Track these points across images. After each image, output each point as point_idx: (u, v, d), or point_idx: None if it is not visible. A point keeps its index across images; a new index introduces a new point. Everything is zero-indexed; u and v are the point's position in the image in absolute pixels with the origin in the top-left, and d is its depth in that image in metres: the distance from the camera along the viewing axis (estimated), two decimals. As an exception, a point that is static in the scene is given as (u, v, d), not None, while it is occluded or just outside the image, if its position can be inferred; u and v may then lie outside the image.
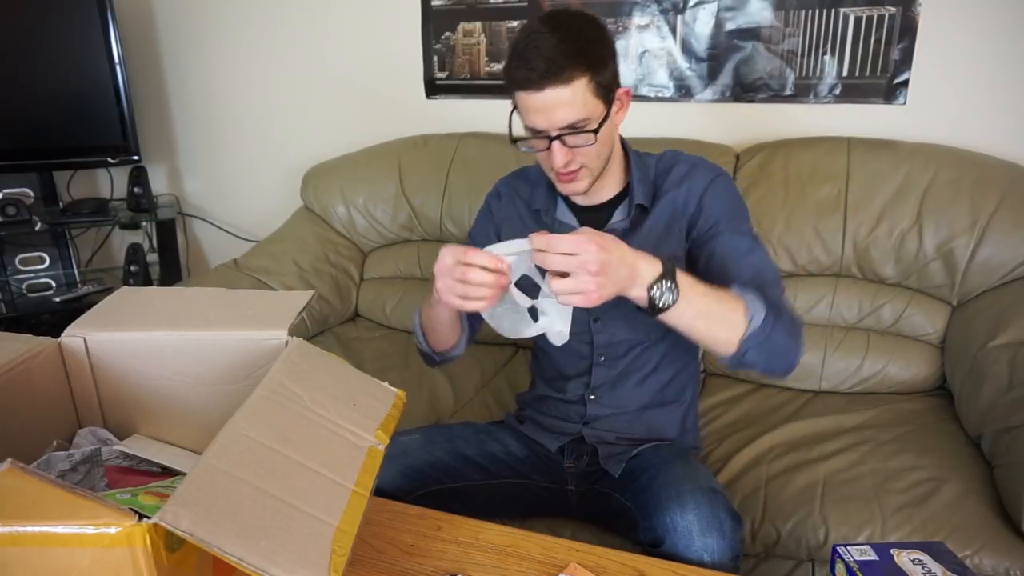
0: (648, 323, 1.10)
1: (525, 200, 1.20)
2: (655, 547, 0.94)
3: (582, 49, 0.95)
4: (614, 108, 1.03)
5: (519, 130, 1.04)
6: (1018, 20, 1.54)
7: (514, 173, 1.25)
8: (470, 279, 0.87)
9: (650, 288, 0.88)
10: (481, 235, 1.24)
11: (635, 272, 0.87)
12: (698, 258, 1.10)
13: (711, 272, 1.06)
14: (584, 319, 1.14)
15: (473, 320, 1.18)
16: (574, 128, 0.98)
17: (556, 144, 0.98)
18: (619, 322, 1.14)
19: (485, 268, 0.87)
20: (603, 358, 1.17)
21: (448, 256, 0.89)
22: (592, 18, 1.01)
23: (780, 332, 0.96)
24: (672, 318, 0.91)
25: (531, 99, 0.96)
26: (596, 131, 0.98)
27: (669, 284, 0.88)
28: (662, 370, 1.18)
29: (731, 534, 0.93)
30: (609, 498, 1.13)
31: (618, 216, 1.13)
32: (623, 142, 1.14)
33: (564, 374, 1.21)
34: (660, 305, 0.89)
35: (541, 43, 0.94)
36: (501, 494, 1.19)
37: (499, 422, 1.30)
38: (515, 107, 1.02)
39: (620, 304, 1.03)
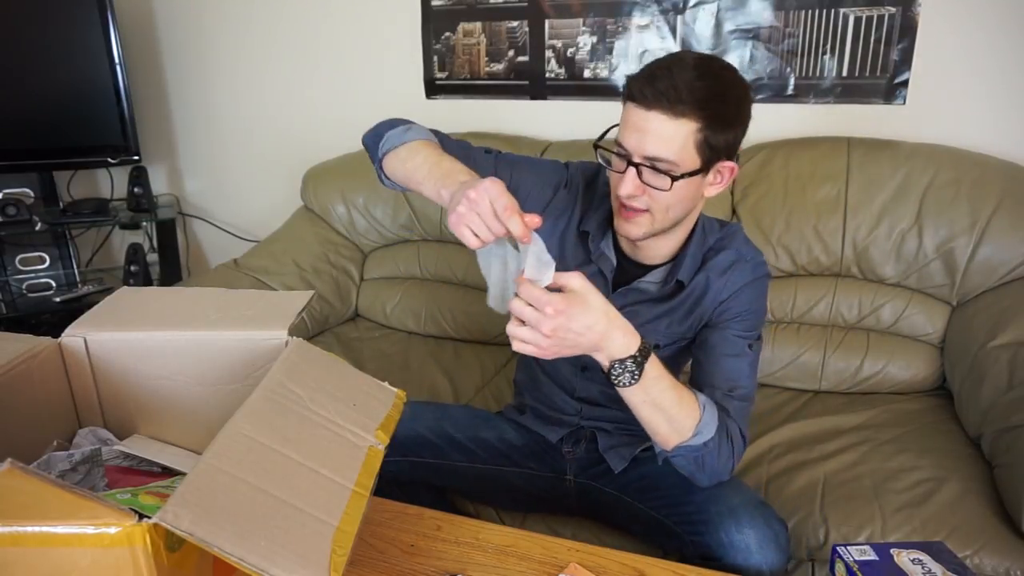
0: None
1: (581, 213, 1.11)
2: (707, 561, 0.94)
3: (711, 100, 0.89)
4: (709, 177, 0.97)
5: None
6: (1018, 20, 1.54)
7: (594, 171, 1.14)
8: (490, 225, 0.80)
9: (612, 364, 0.87)
10: (537, 182, 1.12)
11: (602, 343, 0.86)
12: (695, 338, 1.09)
13: (697, 355, 1.06)
14: None
15: None
16: (656, 165, 0.91)
17: (631, 171, 0.93)
18: None
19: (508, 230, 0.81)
20: (586, 370, 1.16)
21: (488, 199, 0.80)
22: (744, 82, 0.95)
23: (715, 456, 0.96)
24: (622, 393, 0.91)
25: (634, 114, 0.91)
26: (675, 179, 0.91)
27: (632, 368, 0.87)
28: None
29: (785, 544, 0.95)
30: (619, 502, 1.12)
31: (652, 277, 1.08)
32: (700, 219, 1.07)
33: (553, 377, 1.21)
34: (614, 383, 0.89)
35: (677, 69, 0.89)
36: (494, 480, 1.20)
37: (498, 413, 1.30)
38: (620, 122, 0.97)
39: None
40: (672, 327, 1.08)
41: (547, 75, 1.95)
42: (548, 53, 1.93)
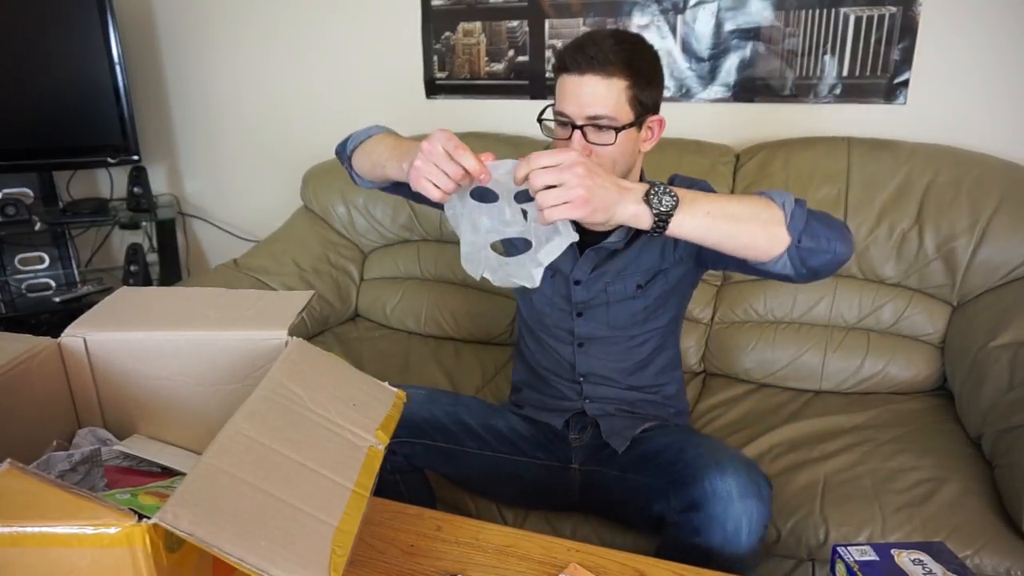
0: (627, 313, 1.17)
1: None
2: (688, 512, 0.95)
3: (632, 59, 1.00)
4: (643, 133, 1.07)
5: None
6: (1018, 20, 1.54)
7: None
8: (446, 169, 0.86)
9: (646, 197, 0.86)
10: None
11: (622, 188, 0.86)
12: (697, 255, 1.12)
13: (722, 257, 1.00)
14: (568, 311, 1.20)
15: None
16: (598, 122, 1.00)
17: (577, 134, 1.01)
18: (600, 317, 1.19)
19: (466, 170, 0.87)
20: (583, 345, 1.22)
21: (440, 144, 0.87)
22: (654, 49, 1.06)
23: (821, 218, 0.91)
24: (686, 226, 0.87)
25: (570, 82, 1.01)
26: (619, 131, 1.00)
27: (662, 189, 0.86)
28: (644, 349, 1.23)
29: (767, 499, 0.96)
30: (620, 482, 1.14)
31: (615, 237, 1.13)
32: (642, 174, 1.16)
33: (554, 357, 1.25)
34: (662, 208, 0.85)
35: (599, 38, 1.00)
36: (500, 469, 1.22)
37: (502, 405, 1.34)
38: (553, 100, 1.06)
39: (601, 296, 1.11)
40: (643, 261, 1.14)
41: (547, 75, 1.95)
42: (548, 53, 1.92)
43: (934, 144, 1.60)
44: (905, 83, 1.65)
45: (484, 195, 0.92)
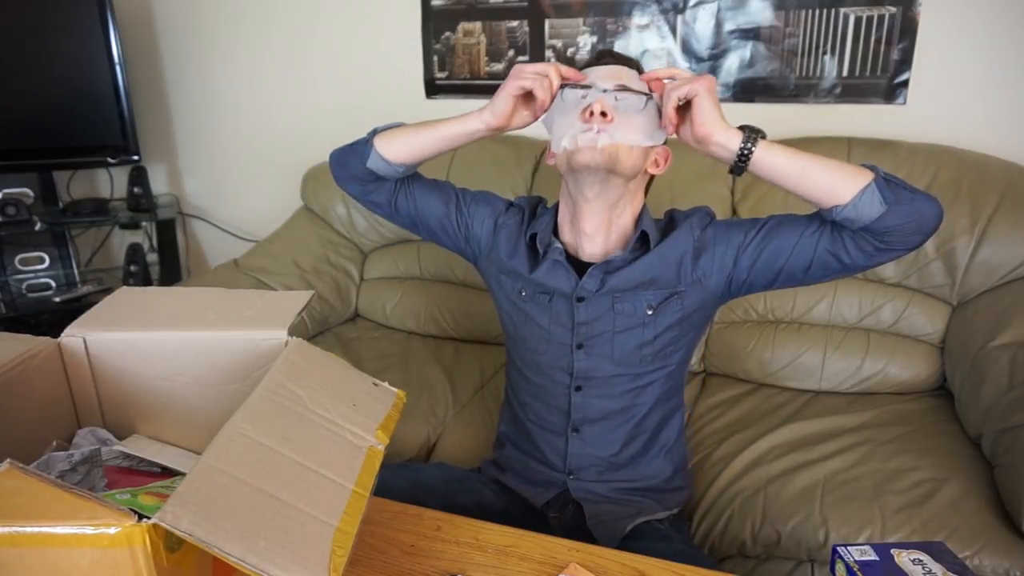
0: (634, 344, 1.07)
1: (528, 223, 1.14)
2: None
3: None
4: (651, 158, 1.05)
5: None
6: (1018, 20, 1.54)
7: (536, 200, 1.20)
8: (545, 71, 1.02)
9: (740, 127, 0.92)
10: (491, 200, 1.19)
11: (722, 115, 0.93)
12: (744, 273, 1.03)
13: (767, 254, 1.01)
14: (567, 345, 1.10)
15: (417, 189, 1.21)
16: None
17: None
18: (604, 348, 1.09)
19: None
20: (580, 388, 1.11)
21: (533, 65, 1.05)
22: None
23: (898, 179, 0.89)
24: (772, 155, 0.91)
25: (598, 71, 1.04)
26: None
27: (749, 129, 0.92)
28: (644, 403, 1.12)
29: None
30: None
31: (623, 255, 1.06)
32: (644, 208, 1.09)
33: (545, 402, 1.15)
34: (750, 132, 0.91)
35: (618, 55, 1.09)
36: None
37: (476, 470, 1.24)
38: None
39: (607, 318, 1.05)
40: (655, 278, 1.05)
41: (547, 75, 1.95)
42: (548, 53, 1.93)
43: (934, 144, 1.60)
44: (905, 83, 1.65)
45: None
